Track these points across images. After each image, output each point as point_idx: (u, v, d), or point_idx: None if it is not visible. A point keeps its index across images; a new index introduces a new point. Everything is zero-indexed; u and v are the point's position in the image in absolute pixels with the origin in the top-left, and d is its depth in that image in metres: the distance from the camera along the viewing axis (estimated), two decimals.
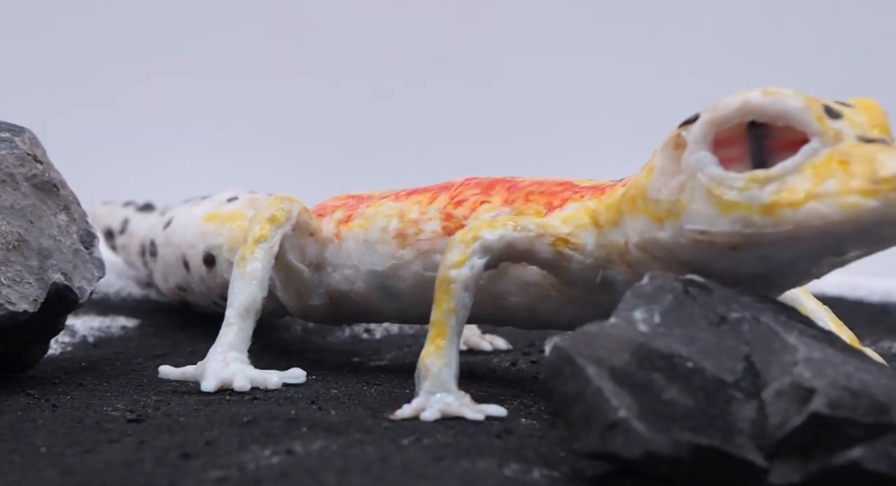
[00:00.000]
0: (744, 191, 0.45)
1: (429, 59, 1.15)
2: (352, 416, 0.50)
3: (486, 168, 0.66)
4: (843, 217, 0.43)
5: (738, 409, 0.41)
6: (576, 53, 1.12)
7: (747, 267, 0.47)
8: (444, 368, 0.51)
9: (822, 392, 0.39)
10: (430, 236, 0.57)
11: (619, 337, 0.43)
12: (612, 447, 0.40)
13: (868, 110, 0.46)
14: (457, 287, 0.51)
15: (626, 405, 0.40)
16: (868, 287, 0.88)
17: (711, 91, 0.54)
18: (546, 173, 0.58)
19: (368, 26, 1.15)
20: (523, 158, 1.04)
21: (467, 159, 1.01)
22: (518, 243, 0.52)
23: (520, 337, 0.72)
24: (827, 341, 0.44)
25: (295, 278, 0.62)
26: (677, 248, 0.47)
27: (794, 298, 0.56)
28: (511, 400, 0.54)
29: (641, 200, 0.49)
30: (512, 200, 0.56)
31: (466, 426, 0.48)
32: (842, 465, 0.38)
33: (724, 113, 0.46)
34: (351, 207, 0.62)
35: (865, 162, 0.43)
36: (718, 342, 0.43)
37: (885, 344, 0.71)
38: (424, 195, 0.59)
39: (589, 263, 0.52)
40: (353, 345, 0.72)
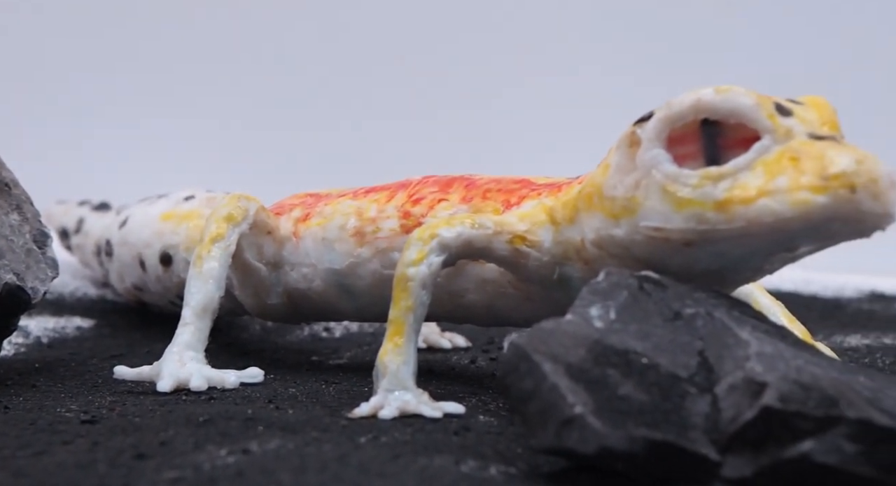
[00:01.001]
0: (697, 188, 0.46)
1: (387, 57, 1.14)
2: (309, 415, 0.50)
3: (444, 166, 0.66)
4: (794, 213, 0.44)
5: (691, 404, 0.41)
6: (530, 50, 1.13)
7: (701, 263, 0.47)
8: (402, 366, 0.51)
9: (774, 386, 0.40)
10: (388, 234, 0.57)
11: (575, 334, 0.44)
12: (567, 443, 0.40)
13: (818, 108, 0.47)
14: (415, 285, 0.51)
15: (582, 401, 0.40)
16: (821, 283, 0.90)
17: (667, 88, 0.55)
18: (504, 171, 0.58)
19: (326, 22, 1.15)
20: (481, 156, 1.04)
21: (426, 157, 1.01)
22: (476, 241, 0.52)
23: (479, 334, 0.73)
24: (779, 335, 0.45)
25: (252, 276, 0.62)
26: (633, 245, 0.48)
27: (748, 293, 0.56)
28: (470, 397, 0.54)
29: (597, 197, 0.49)
30: (470, 197, 0.56)
31: (424, 424, 0.49)
32: (792, 458, 0.39)
33: (678, 111, 0.47)
34: (309, 205, 0.62)
35: (815, 159, 0.44)
36: (673, 338, 0.44)
37: (838, 338, 0.72)
38: (382, 193, 0.59)
39: (546, 260, 0.52)
40: (313, 344, 0.71)
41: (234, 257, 0.60)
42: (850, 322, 0.78)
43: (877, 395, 0.41)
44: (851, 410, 0.39)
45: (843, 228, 0.44)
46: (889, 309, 0.83)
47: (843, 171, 0.43)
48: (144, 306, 0.75)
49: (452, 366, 0.65)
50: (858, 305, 0.85)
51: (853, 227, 0.44)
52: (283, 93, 1.15)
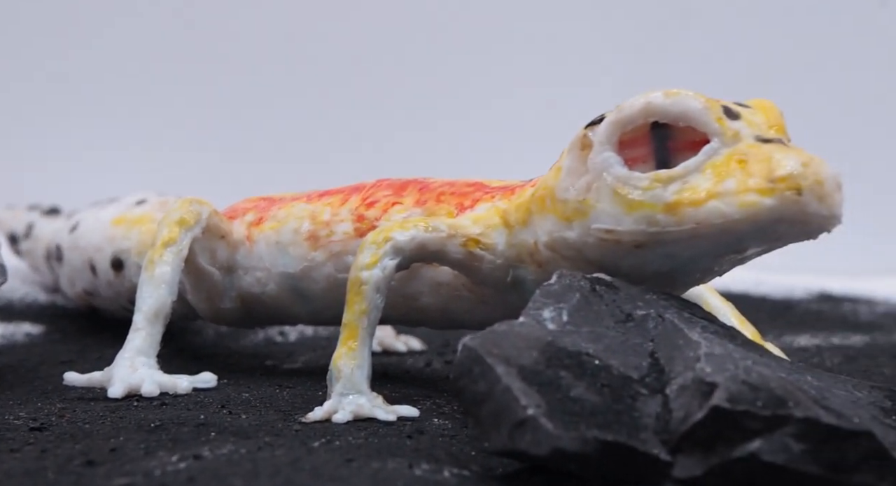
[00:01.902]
0: (648, 190, 0.46)
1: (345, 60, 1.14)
2: (262, 420, 0.50)
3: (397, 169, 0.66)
4: (742, 215, 0.44)
5: (643, 405, 0.42)
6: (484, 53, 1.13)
7: (652, 265, 0.48)
8: (356, 369, 0.51)
9: (723, 387, 0.40)
10: (342, 238, 0.57)
11: (528, 336, 0.44)
12: (520, 445, 0.40)
13: (765, 111, 0.47)
14: (368, 289, 0.51)
15: (535, 403, 0.41)
16: (771, 284, 0.91)
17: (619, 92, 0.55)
18: (457, 174, 0.59)
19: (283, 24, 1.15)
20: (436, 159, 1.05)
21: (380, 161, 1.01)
22: (429, 244, 0.52)
23: (435, 337, 0.73)
24: (728, 336, 0.45)
25: (205, 281, 0.61)
26: (585, 247, 0.48)
27: (698, 295, 0.57)
28: (424, 400, 0.54)
29: (550, 200, 0.49)
30: (423, 201, 0.56)
31: (378, 428, 0.49)
32: (741, 457, 0.39)
33: (628, 114, 0.47)
34: (262, 209, 0.61)
35: (763, 161, 0.45)
36: (625, 340, 0.44)
37: (788, 339, 0.73)
38: (336, 197, 0.59)
39: (500, 262, 0.52)
40: (267, 348, 0.71)
41: (187, 262, 0.59)
42: (799, 322, 0.79)
43: (823, 394, 0.42)
44: (798, 409, 0.39)
45: (789, 230, 0.45)
46: (837, 309, 0.84)
47: (790, 173, 0.44)
48: (95, 311, 0.74)
49: (407, 369, 0.65)
50: (808, 305, 0.86)
51: (800, 228, 0.45)
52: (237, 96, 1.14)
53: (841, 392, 0.43)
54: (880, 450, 0.39)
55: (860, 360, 0.65)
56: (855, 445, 0.39)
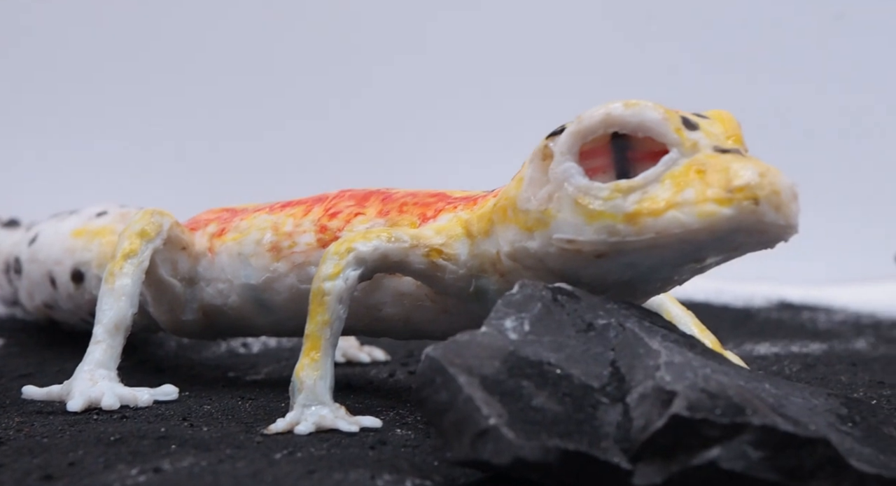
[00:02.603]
0: (608, 200, 0.46)
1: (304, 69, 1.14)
2: (224, 432, 0.49)
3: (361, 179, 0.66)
4: (701, 225, 0.45)
5: (603, 414, 0.42)
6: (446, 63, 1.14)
7: (613, 275, 0.48)
8: (318, 380, 0.51)
9: (682, 395, 0.40)
10: (304, 249, 0.57)
11: (490, 346, 0.44)
12: (482, 455, 0.41)
13: (723, 121, 0.48)
14: (331, 299, 0.51)
15: (497, 412, 0.41)
16: (733, 293, 0.92)
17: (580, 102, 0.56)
18: (420, 184, 0.59)
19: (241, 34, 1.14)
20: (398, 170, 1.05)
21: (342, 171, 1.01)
22: (392, 255, 0.52)
23: (398, 348, 0.73)
24: (688, 345, 0.46)
25: (167, 292, 0.61)
26: (546, 257, 0.48)
27: (659, 304, 0.57)
28: (387, 411, 0.54)
29: (512, 210, 0.50)
30: (386, 211, 0.56)
31: (341, 439, 0.48)
32: (700, 465, 0.39)
33: (588, 125, 0.47)
34: (224, 220, 0.61)
35: (721, 172, 0.45)
36: (586, 349, 0.44)
37: (748, 347, 0.73)
38: (299, 208, 0.59)
39: (462, 273, 0.52)
40: (229, 360, 0.71)
41: (148, 274, 0.59)
42: (759, 331, 0.80)
43: (781, 402, 0.42)
44: (756, 417, 0.40)
45: (747, 240, 0.45)
46: (796, 318, 0.85)
47: (747, 183, 0.44)
48: (55, 324, 0.74)
49: (371, 380, 0.64)
50: (768, 314, 0.87)
51: (757, 238, 0.45)
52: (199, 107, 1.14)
53: (798, 400, 0.43)
54: (836, 457, 0.40)
55: (818, 367, 0.66)
56: (811, 452, 0.40)
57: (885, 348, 0.74)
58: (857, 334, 0.79)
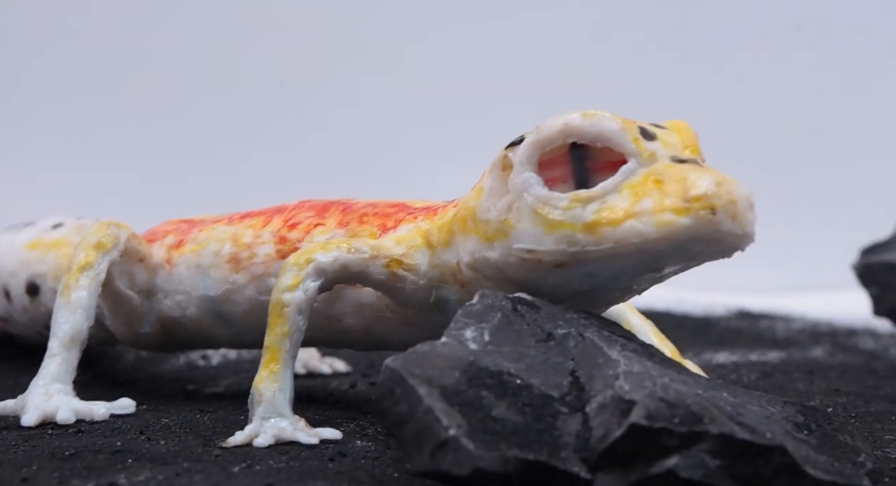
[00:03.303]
0: (567, 210, 0.47)
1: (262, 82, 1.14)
2: (182, 445, 0.49)
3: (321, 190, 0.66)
4: (659, 234, 0.45)
5: (563, 423, 0.42)
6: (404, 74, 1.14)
7: (573, 284, 0.48)
8: (277, 392, 0.50)
9: (641, 404, 0.40)
10: (264, 260, 0.57)
11: (450, 356, 0.44)
12: (443, 466, 0.40)
13: (680, 132, 0.48)
14: (290, 311, 0.51)
15: (457, 423, 0.41)
16: (693, 302, 0.92)
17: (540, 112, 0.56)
18: (380, 195, 0.59)
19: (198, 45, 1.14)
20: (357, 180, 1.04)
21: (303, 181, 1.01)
22: (352, 265, 0.52)
23: (360, 359, 0.72)
24: (647, 354, 0.46)
25: (124, 305, 0.60)
26: (506, 267, 0.48)
27: (619, 313, 0.58)
28: (348, 423, 0.54)
29: (472, 220, 0.50)
30: (346, 222, 0.56)
31: (300, 451, 0.48)
32: (659, 474, 0.40)
33: (547, 135, 0.47)
34: (182, 231, 0.61)
35: (678, 181, 0.45)
36: (546, 358, 0.45)
37: (707, 355, 0.74)
38: (258, 219, 0.59)
39: (423, 283, 0.52)
40: (189, 372, 0.70)
41: (105, 286, 0.58)
42: (718, 340, 0.80)
43: (738, 410, 0.42)
44: (714, 425, 0.40)
45: (705, 249, 0.46)
46: (755, 326, 0.86)
47: (704, 193, 0.45)
48: (10, 337, 0.73)
49: (331, 391, 0.64)
50: (727, 323, 0.88)
51: (714, 247, 0.46)
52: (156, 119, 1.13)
53: (755, 408, 0.44)
54: (792, 464, 0.40)
55: (776, 376, 0.67)
56: (768, 459, 0.40)
57: (842, 356, 0.75)
58: (815, 343, 0.80)
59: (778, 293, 0.96)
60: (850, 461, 0.42)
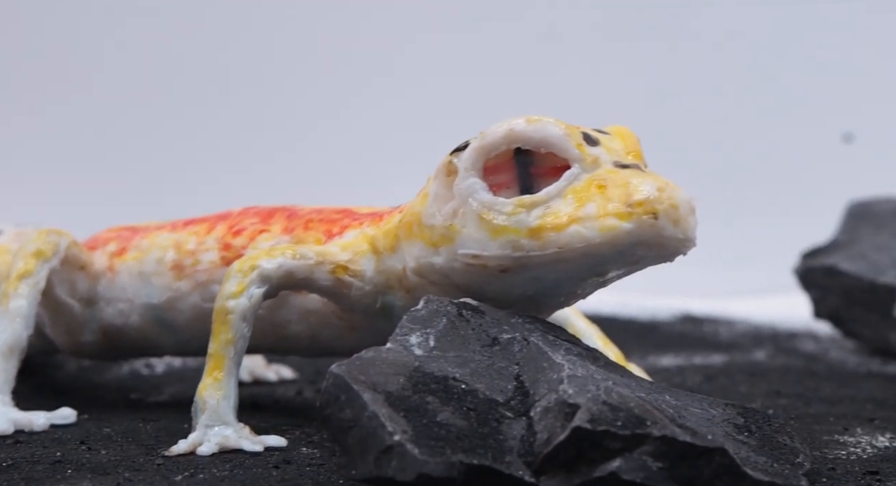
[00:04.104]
0: (512, 216, 0.47)
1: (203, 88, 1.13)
2: (123, 455, 0.48)
3: (265, 196, 0.65)
4: (602, 239, 0.45)
5: (508, 428, 0.42)
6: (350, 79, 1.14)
7: (518, 289, 0.48)
8: (222, 400, 0.50)
9: (585, 408, 0.41)
10: (207, 267, 0.56)
11: (395, 362, 0.44)
12: (387, 472, 0.40)
13: (623, 137, 0.49)
14: (234, 318, 0.51)
15: (401, 429, 0.41)
16: (638, 306, 0.93)
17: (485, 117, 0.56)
18: (326, 201, 0.58)
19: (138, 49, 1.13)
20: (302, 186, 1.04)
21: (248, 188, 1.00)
22: (297, 272, 0.52)
23: (307, 366, 0.72)
24: (591, 358, 0.46)
25: (65, 313, 0.59)
26: (452, 272, 0.49)
27: (564, 317, 0.58)
28: (293, 430, 0.54)
29: (417, 226, 0.50)
30: (291, 228, 0.55)
31: (244, 459, 0.48)
32: (602, 476, 0.40)
33: (491, 140, 0.48)
34: (125, 239, 0.60)
35: (621, 187, 0.46)
36: (491, 363, 0.45)
37: (652, 359, 0.75)
38: (202, 225, 0.58)
39: (368, 289, 0.52)
40: (132, 381, 0.69)
41: (45, 294, 0.57)
42: (663, 343, 0.81)
43: (680, 413, 0.43)
44: (656, 428, 0.40)
45: (647, 253, 0.46)
46: (699, 330, 0.87)
47: (646, 198, 0.45)
48: None
49: (277, 399, 0.64)
50: (672, 326, 0.88)
51: (657, 251, 0.46)
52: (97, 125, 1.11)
53: (697, 410, 0.44)
54: (732, 466, 0.40)
55: (719, 378, 0.68)
56: (709, 461, 0.40)
57: (783, 359, 0.76)
58: (757, 346, 0.81)
59: (722, 297, 0.98)
60: (789, 461, 0.43)
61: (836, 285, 0.78)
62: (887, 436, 0.53)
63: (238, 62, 1.13)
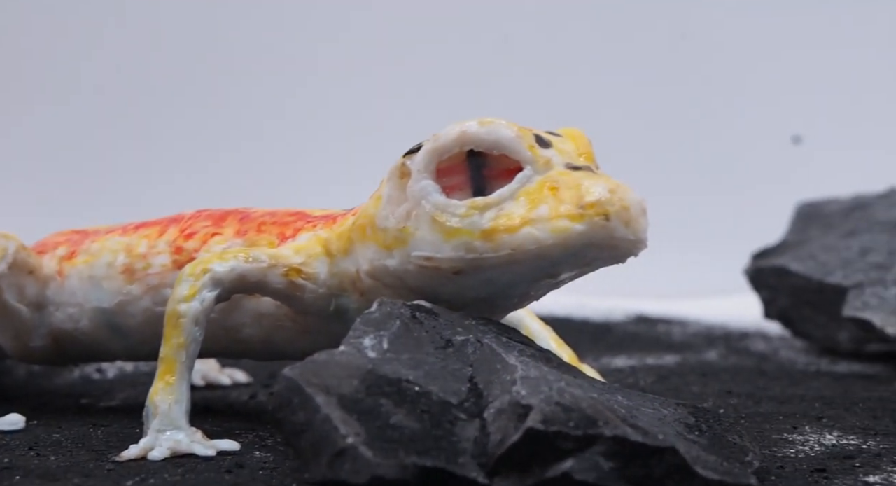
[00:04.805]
0: (465, 218, 0.47)
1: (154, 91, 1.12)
2: (73, 460, 0.48)
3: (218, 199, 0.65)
4: (555, 241, 0.46)
5: (461, 429, 0.42)
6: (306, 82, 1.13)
7: (471, 291, 0.48)
8: (173, 405, 0.50)
9: (537, 408, 0.41)
10: (159, 270, 0.56)
11: (349, 364, 0.44)
12: (340, 475, 0.40)
13: (574, 139, 0.49)
14: (186, 322, 0.50)
15: (354, 431, 0.41)
16: (593, 307, 0.94)
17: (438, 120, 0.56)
18: (279, 203, 0.58)
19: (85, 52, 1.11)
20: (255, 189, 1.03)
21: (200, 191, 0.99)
22: (250, 275, 0.52)
23: (260, 369, 0.72)
24: (544, 359, 0.46)
25: (13, 318, 0.59)
26: (406, 274, 0.49)
27: (519, 319, 0.58)
28: (247, 434, 0.53)
29: (370, 228, 0.50)
30: (244, 231, 0.55)
31: (197, 463, 0.47)
32: (555, 477, 0.40)
33: (444, 143, 0.48)
34: (75, 243, 0.59)
35: (573, 188, 0.46)
36: (444, 365, 0.45)
37: (606, 360, 0.75)
38: (153, 229, 0.58)
39: (322, 292, 0.52)
40: (83, 386, 0.69)
41: None
42: (617, 344, 0.82)
43: (632, 413, 0.43)
44: (608, 428, 0.41)
45: (599, 254, 0.47)
46: (652, 331, 0.88)
47: (598, 200, 0.45)
48: None
49: (231, 403, 0.63)
50: (625, 327, 0.89)
51: (608, 253, 0.46)
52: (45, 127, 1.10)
53: (649, 410, 0.44)
54: (683, 465, 0.41)
55: (671, 378, 0.68)
56: (660, 460, 0.41)
57: (735, 359, 0.77)
58: (709, 346, 0.82)
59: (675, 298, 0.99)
60: (739, 460, 0.43)
61: (786, 286, 0.79)
62: (835, 434, 0.53)
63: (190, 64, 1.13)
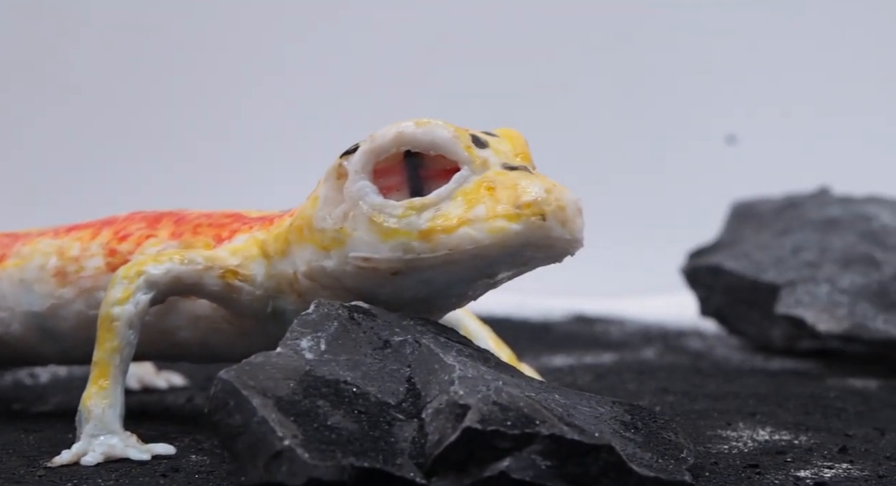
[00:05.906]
0: (402, 218, 0.47)
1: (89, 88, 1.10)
2: (3, 466, 0.47)
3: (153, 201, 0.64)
4: (492, 241, 0.46)
5: (399, 430, 0.42)
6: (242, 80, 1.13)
7: (409, 292, 0.48)
8: (107, 409, 0.49)
9: (475, 408, 0.41)
10: (92, 273, 0.55)
11: (285, 366, 0.44)
12: (277, 477, 0.40)
13: (511, 139, 0.49)
14: (120, 325, 0.50)
15: (291, 433, 0.40)
16: (532, 307, 0.94)
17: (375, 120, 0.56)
18: (215, 205, 0.58)
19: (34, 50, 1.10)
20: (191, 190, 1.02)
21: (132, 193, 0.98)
22: (185, 277, 0.51)
23: (197, 372, 0.71)
24: (482, 359, 0.47)
25: None
26: (343, 276, 0.48)
27: (457, 319, 0.58)
28: (183, 437, 0.53)
29: (308, 229, 0.50)
30: (180, 233, 0.55)
31: (131, 468, 0.47)
32: (492, 476, 0.40)
33: (381, 143, 0.48)
34: (5, 246, 0.58)
35: (509, 188, 0.46)
36: (382, 366, 0.45)
37: (545, 359, 0.76)
38: (86, 231, 0.57)
39: (259, 293, 0.52)
40: (15, 391, 0.67)
41: None
42: (556, 343, 0.82)
43: (569, 411, 0.44)
44: (545, 427, 0.41)
45: (536, 254, 0.47)
46: (590, 330, 0.89)
47: (535, 199, 0.46)
48: None
49: (167, 406, 0.63)
50: (564, 327, 0.90)
51: (545, 252, 0.47)
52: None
53: (586, 409, 0.45)
54: (619, 462, 0.41)
55: (609, 377, 0.69)
56: (596, 458, 0.41)
57: (671, 357, 0.78)
58: (646, 344, 0.83)
59: (613, 297, 0.99)
60: (674, 457, 0.44)
61: (721, 284, 0.81)
62: (768, 430, 0.54)
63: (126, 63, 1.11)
